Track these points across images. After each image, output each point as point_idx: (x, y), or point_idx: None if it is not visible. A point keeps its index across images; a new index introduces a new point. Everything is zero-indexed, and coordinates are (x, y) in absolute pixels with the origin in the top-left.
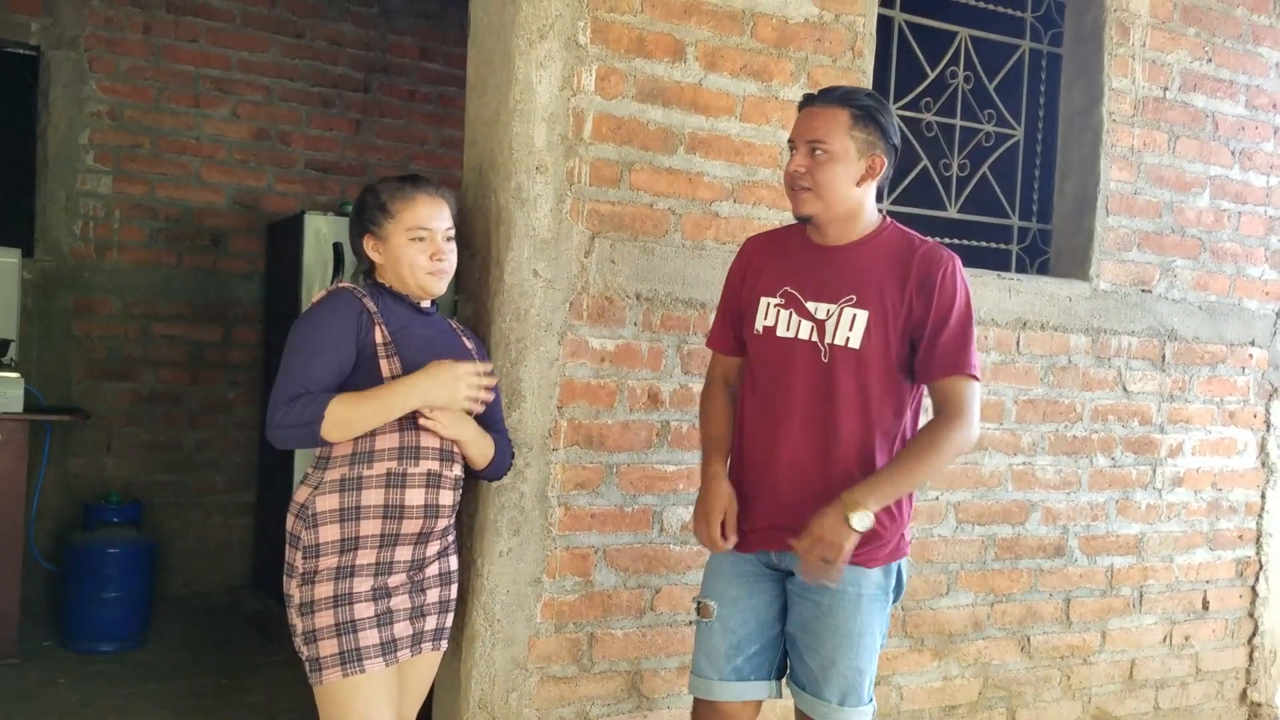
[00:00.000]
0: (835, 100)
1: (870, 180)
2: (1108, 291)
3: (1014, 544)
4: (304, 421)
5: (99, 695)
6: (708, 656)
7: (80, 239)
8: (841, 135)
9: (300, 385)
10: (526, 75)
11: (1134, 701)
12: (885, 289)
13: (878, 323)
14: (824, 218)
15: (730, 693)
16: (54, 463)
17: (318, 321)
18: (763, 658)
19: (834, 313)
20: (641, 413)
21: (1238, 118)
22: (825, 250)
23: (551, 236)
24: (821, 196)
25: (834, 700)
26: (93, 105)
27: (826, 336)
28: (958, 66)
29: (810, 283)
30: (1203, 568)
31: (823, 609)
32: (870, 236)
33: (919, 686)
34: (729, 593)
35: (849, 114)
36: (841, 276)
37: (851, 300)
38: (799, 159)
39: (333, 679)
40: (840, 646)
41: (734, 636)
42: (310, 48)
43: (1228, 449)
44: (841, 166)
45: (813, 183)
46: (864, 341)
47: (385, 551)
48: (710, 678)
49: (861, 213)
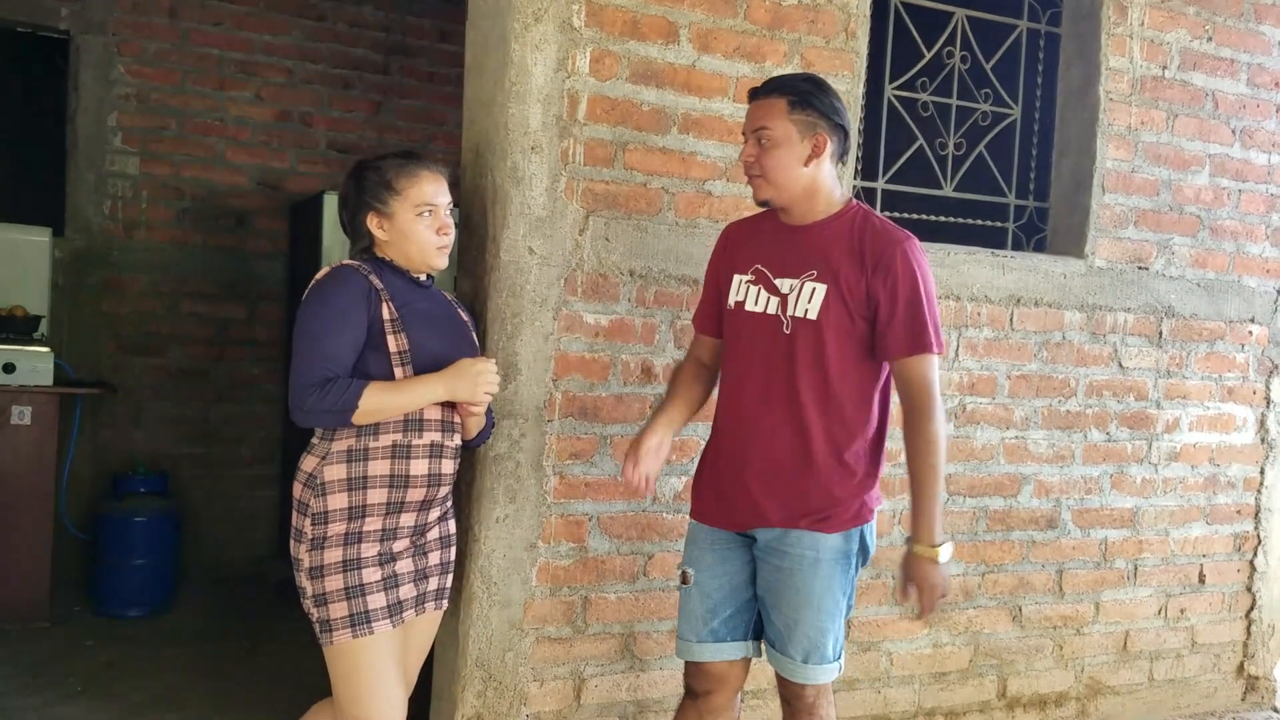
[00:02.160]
0: (773, 89)
1: (817, 159)
2: (1103, 268)
3: (1005, 516)
4: (339, 408)
5: (125, 658)
6: (688, 620)
7: (109, 219)
8: (781, 120)
9: (326, 367)
10: (522, 58)
11: (1128, 672)
12: (843, 265)
13: (835, 296)
14: (780, 200)
15: (708, 653)
16: (85, 435)
17: (331, 300)
18: (738, 620)
19: (796, 286)
20: (635, 386)
21: (1238, 96)
22: (793, 230)
23: (546, 215)
24: (771, 181)
25: (798, 658)
26: (120, 88)
27: (788, 309)
28: (954, 47)
29: (778, 260)
30: (1199, 542)
31: (784, 573)
32: (834, 216)
33: (909, 653)
34: (704, 559)
35: (786, 100)
36: (805, 253)
37: (813, 275)
38: (748, 149)
39: (343, 640)
40: (801, 608)
41: (710, 601)
42: (331, 30)
43: (1226, 425)
44: (785, 150)
45: (762, 169)
46: (821, 313)
47: (390, 518)
48: (690, 640)
49: (819, 192)
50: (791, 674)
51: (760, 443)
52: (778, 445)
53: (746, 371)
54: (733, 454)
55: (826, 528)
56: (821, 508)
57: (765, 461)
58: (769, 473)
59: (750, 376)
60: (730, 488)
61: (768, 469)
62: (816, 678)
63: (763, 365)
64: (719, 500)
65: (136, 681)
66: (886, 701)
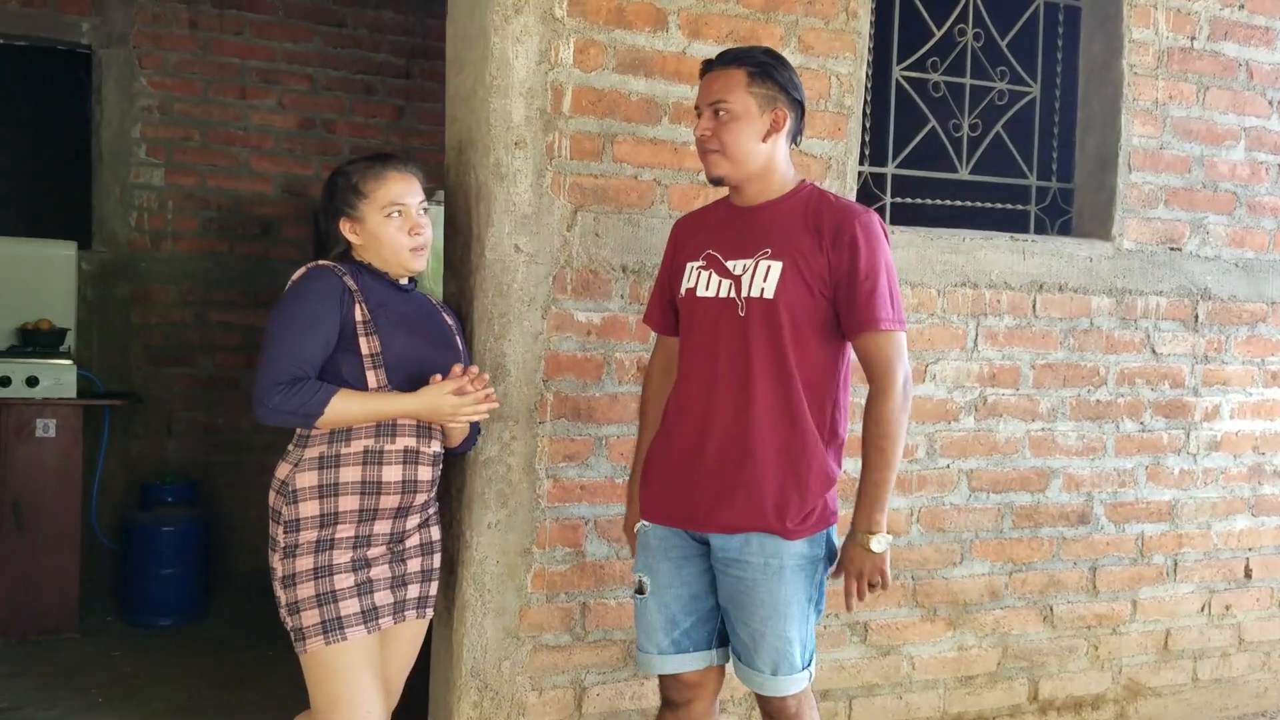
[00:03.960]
0: (731, 61)
1: (775, 134)
2: (1132, 251)
3: (1033, 512)
4: (303, 411)
5: (150, 667)
6: (645, 632)
7: (135, 230)
8: (741, 93)
9: (295, 366)
10: (502, 50)
11: (1170, 673)
12: (800, 241)
13: (792, 273)
14: (735, 177)
15: (671, 665)
16: (116, 446)
17: (303, 299)
18: (700, 630)
19: (749, 266)
20: (631, 385)
21: (1275, 65)
22: (744, 211)
23: (532, 211)
24: (729, 156)
25: (766, 670)
26: (143, 100)
27: (743, 290)
28: (966, 24)
29: (730, 243)
30: (1244, 534)
31: (746, 583)
32: (788, 195)
33: (932, 656)
34: (660, 568)
35: (745, 72)
36: (758, 233)
37: (767, 253)
38: (704, 122)
39: (316, 646)
40: (767, 619)
41: (668, 611)
42: (352, 36)
43: (1271, 411)
44: (744, 124)
45: (719, 144)
46: (778, 291)
47: (364, 525)
48: (650, 652)
49: (774, 170)
50: (761, 687)
51: (714, 437)
52: (731, 439)
53: (699, 360)
54: (685, 450)
55: (789, 534)
56: (780, 510)
57: (720, 457)
58: (724, 470)
59: (703, 365)
60: (683, 485)
61: (722, 465)
62: (788, 688)
63: (716, 352)
64: (672, 497)
65: (158, 690)
66: (909, 707)
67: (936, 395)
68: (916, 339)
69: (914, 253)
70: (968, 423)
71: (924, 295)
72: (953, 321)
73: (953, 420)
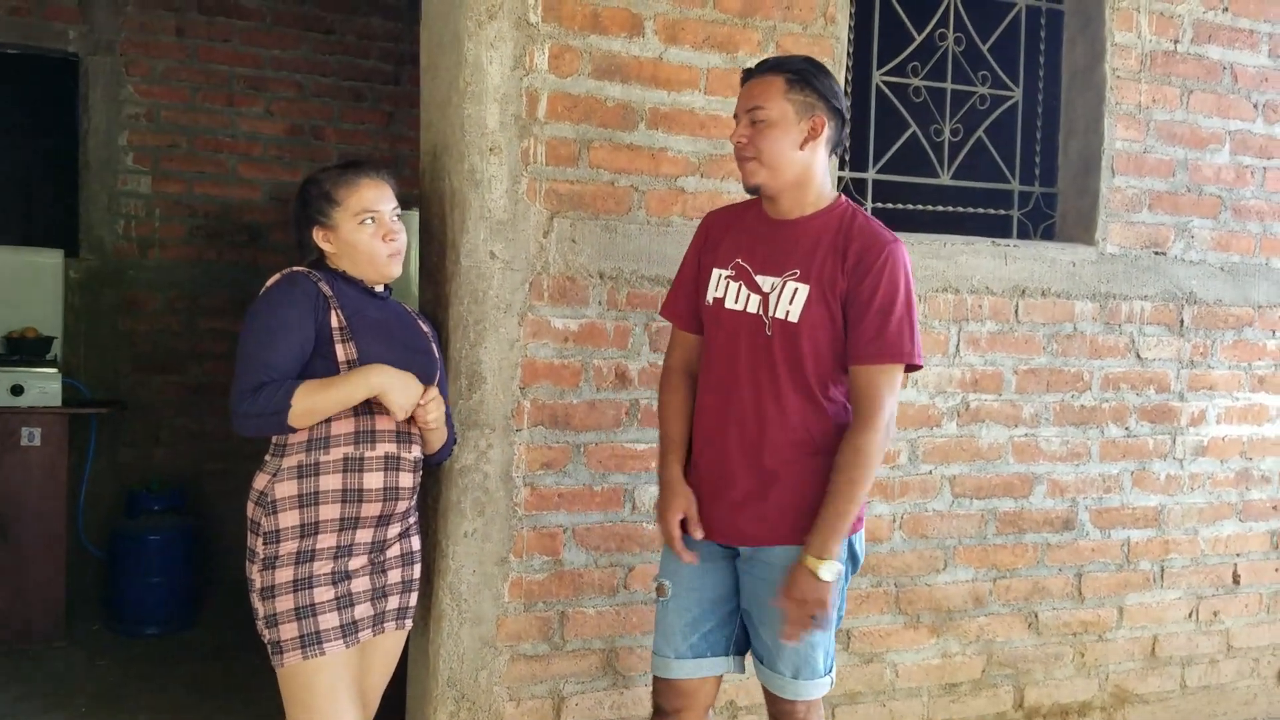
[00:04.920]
0: (769, 68)
1: (813, 142)
2: (1116, 255)
3: (1017, 518)
4: (271, 411)
5: (135, 676)
6: (664, 635)
7: (123, 237)
8: (778, 99)
9: (263, 372)
10: (476, 56)
11: (1157, 679)
12: (826, 264)
13: (818, 297)
14: (772, 186)
15: (687, 670)
16: (105, 454)
17: (274, 305)
18: (719, 634)
19: (778, 286)
20: (609, 391)
21: (1259, 68)
22: (778, 224)
23: (508, 217)
24: (765, 163)
25: (787, 674)
26: (130, 108)
27: (770, 310)
28: (947, 29)
29: (760, 255)
30: (1232, 540)
31: (770, 585)
32: (823, 212)
33: (915, 664)
34: (682, 571)
35: (784, 79)
36: (789, 249)
37: (795, 274)
38: (741, 129)
39: (294, 661)
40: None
41: (689, 615)
42: (340, 43)
43: (1258, 416)
44: (781, 131)
45: (756, 151)
46: (803, 316)
47: (345, 535)
48: (668, 656)
49: (812, 182)
50: (781, 690)
51: (741, 458)
52: (757, 460)
53: (728, 375)
54: (713, 464)
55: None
56: (807, 523)
57: (747, 478)
58: (750, 490)
59: (731, 381)
60: (711, 500)
61: (749, 486)
62: (808, 693)
63: (743, 368)
64: (706, 517)
65: (144, 700)
66: (892, 715)
67: (919, 401)
68: None
69: None
70: (950, 428)
71: None
72: (934, 327)
73: (935, 426)
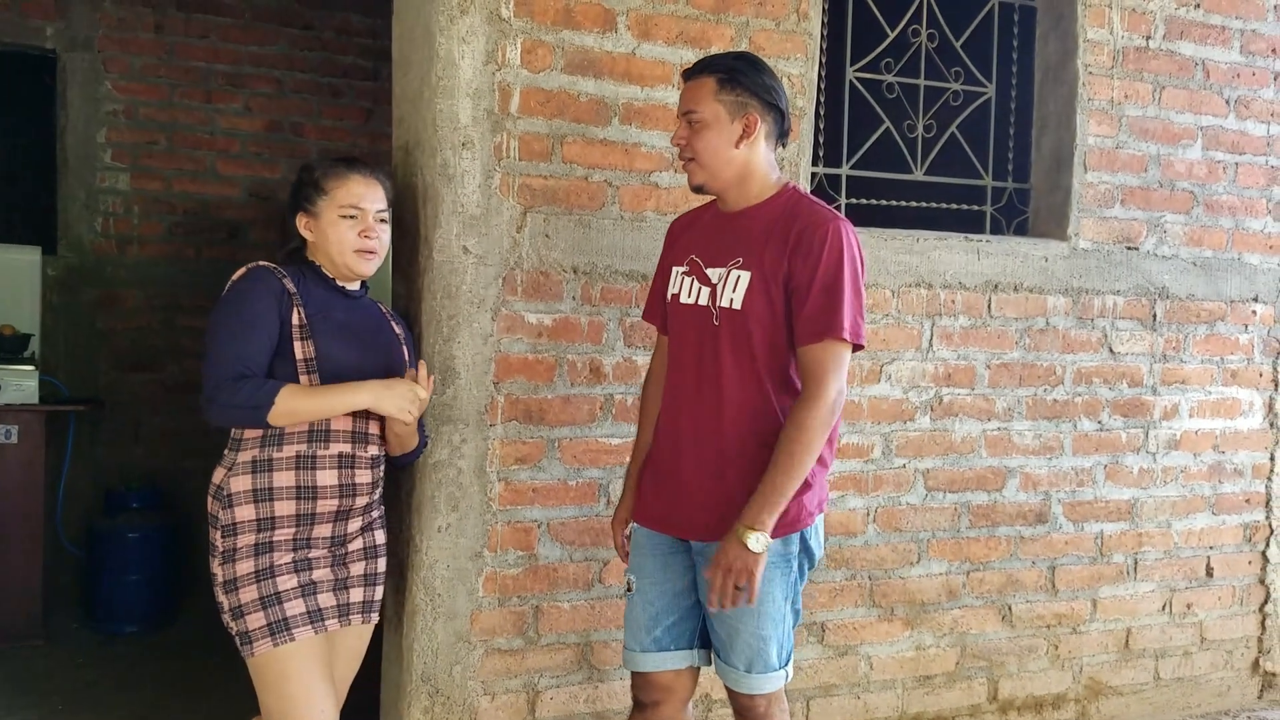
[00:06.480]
0: (701, 69)
1: (748, 140)
2: (1089, 250)
3: (990, 511)
4: (253, 404)
5: (112, 675)
6: (631, 629)
7: (101, 235)
8: (709, 101)
9: (241, 364)
10: (448, 51)
11: (1131, 671)
12: (768, 249)
13: (759, 284)
14: (713, 185)
15: (652, 663)
16: (83, 452)
17: (243, 297)
18: (682, 628)
19: (723, 275)
20: (584, 386)
21: (1231, 64)
22: (727, 217)
23: (481, 212)
24: (703, 164)
25: (741, 667)
26: (108, 104)
27: (717, 300)
28: (920, 25)
29: (711, 249)
30: (1205, 533)
31: None
32: (768, 200)
33: (890, 656)
34: (646, 566)
35: (714, 80)
36: (735, 240)
37: (738, 262)
38: (680, 131)
39: (264, 649)
40: (741, 616)
41: (652, 609)
42: (319, 39)
43: (1230, 410)
44: (715, 132)
45: (693, 152)
46: (745, 302)
47: (303, 529)
48: (635, 650)
49: (753, 176)
50: (736, 684)
51: (690, 448)
52: (706, 449)
53: (683, 368)
54: (666, 458)
55: None
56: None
57: (696, 467)
58: (701, 482)
59: (685, 373)
60: (667, 494)
61: (700, 478)
62: (760, 687)
63: (694, 361)
64: (656, 503)
65: (121, 698)
66: (867, 707)
67: (892, 395)
68: (871, 339)
69: (868, 254)
70: (923, 422)
71: (879, 296)
72: (907, 322)
73: (908, 420)
